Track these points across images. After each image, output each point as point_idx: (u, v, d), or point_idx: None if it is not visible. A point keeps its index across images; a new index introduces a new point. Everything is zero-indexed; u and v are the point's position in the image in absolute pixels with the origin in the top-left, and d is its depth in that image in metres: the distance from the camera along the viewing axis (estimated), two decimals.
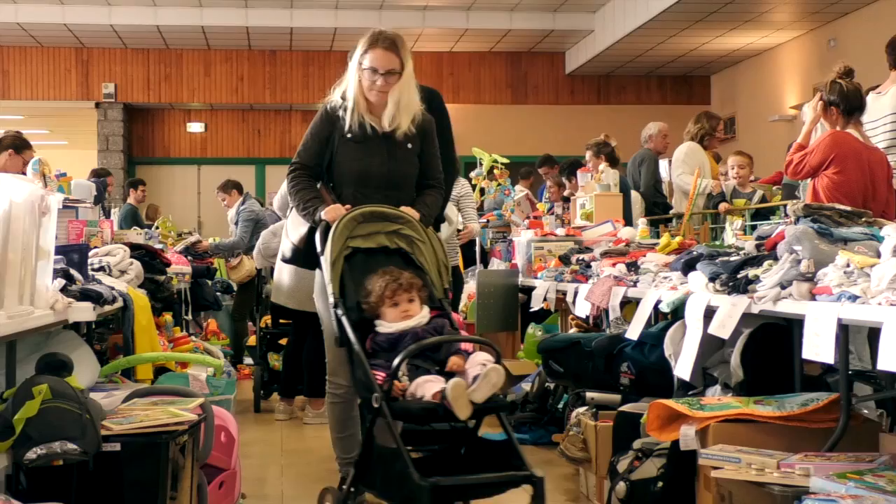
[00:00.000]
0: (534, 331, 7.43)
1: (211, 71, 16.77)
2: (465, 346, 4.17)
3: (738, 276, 4.19)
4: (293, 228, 5.07)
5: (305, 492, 5.43)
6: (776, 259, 4.03)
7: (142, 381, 4.96)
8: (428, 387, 3.91)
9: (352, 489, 4.35)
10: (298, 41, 16.21)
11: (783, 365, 4.11)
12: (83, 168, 13.09)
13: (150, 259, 6.22)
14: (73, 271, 4.33)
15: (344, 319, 4.27)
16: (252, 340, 9.44)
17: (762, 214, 8.53)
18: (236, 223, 10.57)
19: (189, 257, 9.18)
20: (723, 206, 8.66)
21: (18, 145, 7.65)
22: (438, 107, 5.86)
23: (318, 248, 4.57)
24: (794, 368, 4.04)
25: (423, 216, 4.77)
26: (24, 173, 7.11)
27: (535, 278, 7.00)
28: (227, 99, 16.90)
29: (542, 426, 6.40)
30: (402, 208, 4.70)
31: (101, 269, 5.32)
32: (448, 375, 3.99)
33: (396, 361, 3.94)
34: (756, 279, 4.05)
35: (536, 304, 6.77)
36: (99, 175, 11.74)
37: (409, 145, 4.87)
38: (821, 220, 4.00)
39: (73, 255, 4.57)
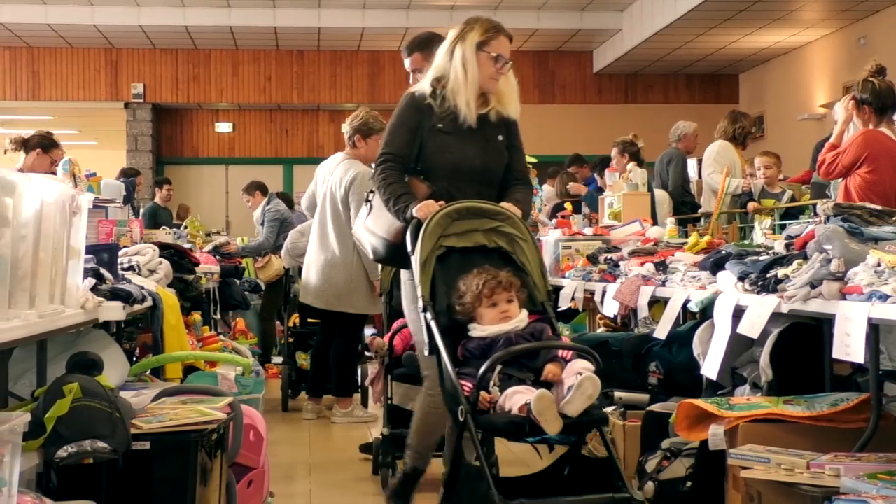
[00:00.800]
0: (561, 330, 7.42)
1: (239, 71, 16.83)
2: (563, 353, 3.80)
3: (768, 275, 4.17)
4: (377, 224, 4.63)
5: (333, 491, 5.45)
6: (806, 258, 4.01)
7: (171, 380, 4.97)
8: (517, 398, 3.57)
9: None
10: (326, 41, 16.24)
11: (813, 365, 4.09)
12: (112, 168, 13.15)
13: (179, 258, 6.25)
14: (103, 270, 4.35)
15: (433, 324, 3.93)
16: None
17: (791, 214, 8.49)
18: (262, 223, 10.66)
19: (217, 256, 9.22)
20: (751, 206, 8.62)
21: (46, 144, 7.70)
22: None
23: (409, 248, 4.24)
24: (823, 368, 4.02)
25: (524, 213, 4.47)
26: (52, 172, 7.18)
27: (563, 277, 6.99)
28: (254, 99, 16.95)
29: None
30: (503, 204, 4.37)
31: (131, 268, 5.34)
32: (545, 385, 3.65)
33: (482, 369, 3.61)
34: (785, 278, 4.03)
35: (564, 304, 6.75)
36: (128, 175, 11.80)
37: (500, 137, 4.63)
38: (851, 220, 3.97)
39: (103, 255, 4.59)
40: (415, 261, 4.12)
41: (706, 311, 4.68)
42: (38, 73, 16.40)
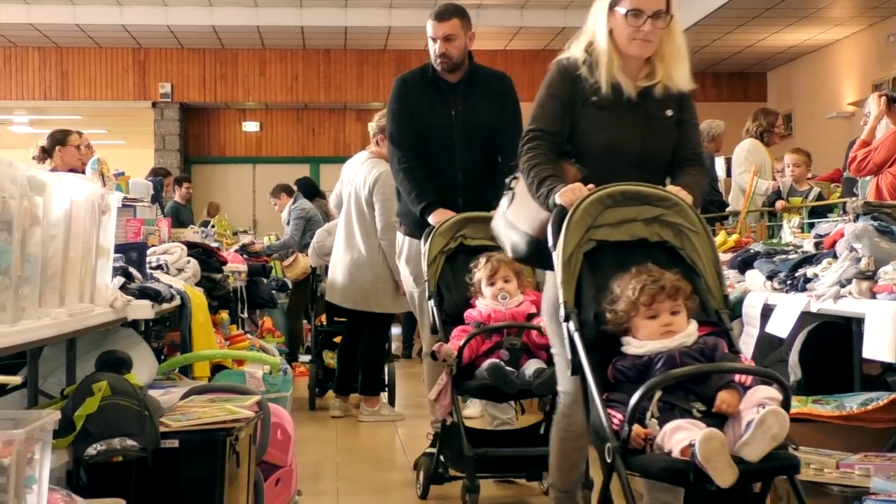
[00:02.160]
0: None
1: (266, 70, 16.87)
2: (741, 377, 3.02)
3: (797, 274, 4.16)
4: (518, 216, 3.90)
5: (361, 489, 5.45)
6: (835, 257, 3.99)
7: (199, 379, 5.00)
8: (678, 437, 2.83)
9: None
10: (353, 40, 16.26)
11: (842, 364, 4.07)
12: (140, 167, 13.22)
13: (207, 257, 6.26)
14: (131, 269, 4.37)
15: (576, 337, 3.22)
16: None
17: (819, 212, 8.45)
18: (288, 223, 10.76)
19: (245, 255, 9.25)
20: (779, 204, 8.58)
21: (60, 138, 7.78)
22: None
23: (550, 242, 3.46)
24: (853, 367, 4.00)
25: (696, 198, 3.63)
26: (80, 159, 7.25)
27: None
28: (281, 98, 16.99)
29: None
30: (669, 187, 3.61)
31: (159, 267, 5.36)
32: (717, 418, 2.95)
33: (635, 398, 2.89)
34: (815, 277, 4.01)
35: None
36: (157, 174, 11.88)
37: (669, 112, 3.82)
38: (881, 218, 3.95)
39: (132, 254, 4.60)
40: (556, 257, 3.40)
41: (734, 310, 4.66)
42: (67, 73, 16.50)
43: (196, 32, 15.58)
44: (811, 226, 6.76)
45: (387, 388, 7.86)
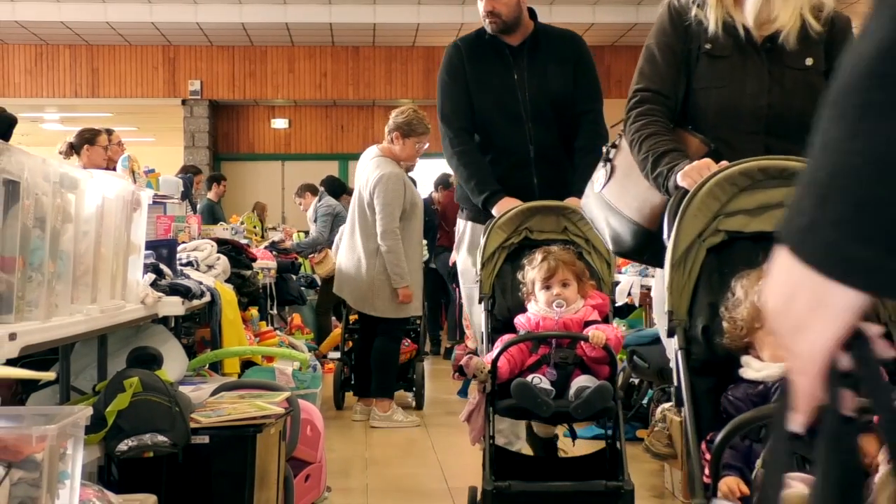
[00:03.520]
0: (618, 326, 7.39)
1: (295, 67, 16.90)
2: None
3: None
4: (622, 198, 3.19)
5: (390, 485, 5.46)
6: None
7: (229, 375, 5.02)
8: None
9: None
10: (381, 37, 16.27)
11: None
12: (169, 164, 13.28)
13: (237, 254, 6.29)
14: (162, 266, 4.39)
15: (680, 357, 2.53)
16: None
17: None
18: (314, 220, 10.81)
19: (274, 252, 9.29)
20: None
21: (89, 137, 7.85)
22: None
23: (665, 234, 2.75)
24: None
25: None
26: (108, 159, 7.31)
27: (620, 273, 6.95)
28: (310, 95, 17.02)
29: (627, 422, 6.37)
30: None
31: (189, 263, 5.38)
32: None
33: (718, 440, 2.21)
34: None
35: (621, 299, 6.72)
36: (188, 172, 11.95)
37: (809, 60, 3.08)
38: None
39: (163, 250, 4.63)
40: (668, 254, 2.66)
41: None
42: (98, 71, 16.59)
43: (225, 30, 15.63)
44: None
45: (413, 390, 7.78)
